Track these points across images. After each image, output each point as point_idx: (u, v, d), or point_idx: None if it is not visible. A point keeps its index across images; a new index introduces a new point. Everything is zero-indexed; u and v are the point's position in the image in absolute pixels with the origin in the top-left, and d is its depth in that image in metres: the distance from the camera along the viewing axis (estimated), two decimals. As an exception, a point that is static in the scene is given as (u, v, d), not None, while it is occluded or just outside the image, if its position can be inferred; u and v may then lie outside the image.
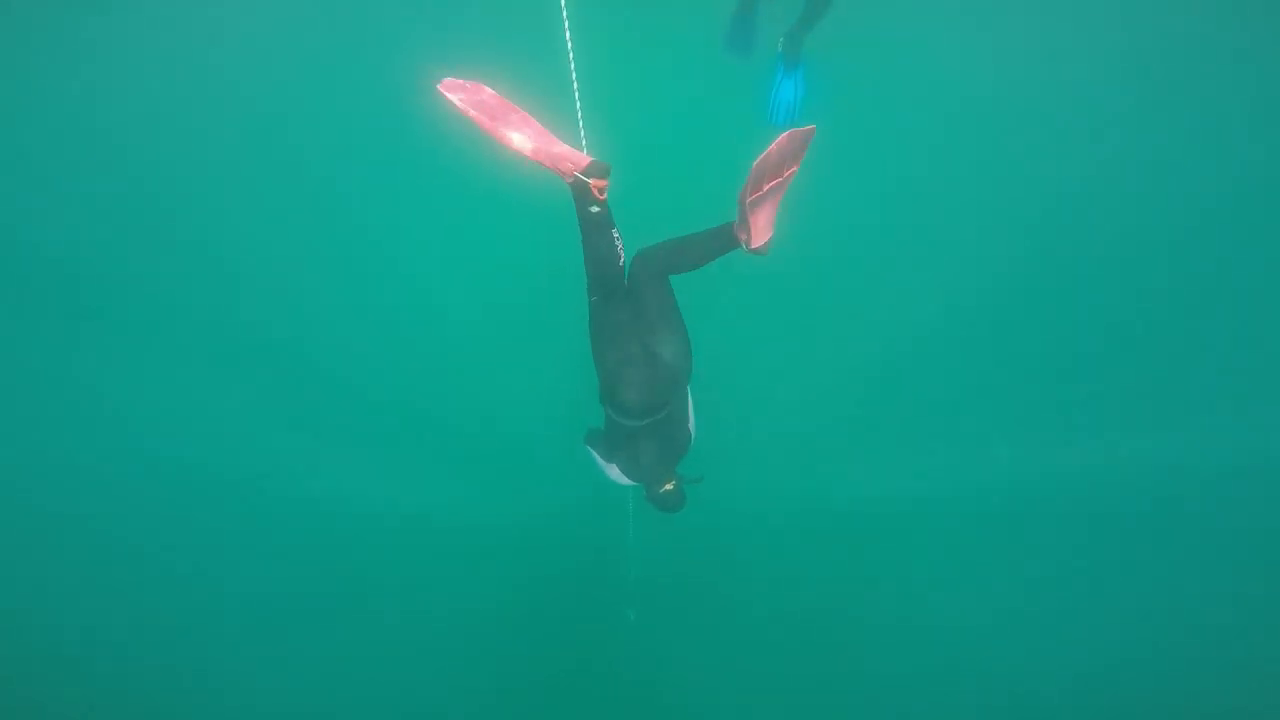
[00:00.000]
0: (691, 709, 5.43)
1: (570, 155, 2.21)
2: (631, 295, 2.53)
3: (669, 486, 2.83)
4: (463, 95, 2.27)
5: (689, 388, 2.80)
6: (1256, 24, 4.89)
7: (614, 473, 2.81)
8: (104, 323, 5.06)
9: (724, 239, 2.38)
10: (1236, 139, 5.04)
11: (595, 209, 2.26)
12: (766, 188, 2.15)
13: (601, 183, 2.20)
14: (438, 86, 2.29)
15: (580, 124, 2.49)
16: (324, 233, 5.11)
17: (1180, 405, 5.36)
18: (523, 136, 2.23)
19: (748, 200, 2.18)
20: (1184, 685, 5.25)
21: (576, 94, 2.48)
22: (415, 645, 5.41)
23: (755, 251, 2.32)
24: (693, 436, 2.86)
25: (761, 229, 2.26)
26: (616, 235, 2.37)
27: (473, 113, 2.25)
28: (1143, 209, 5.17)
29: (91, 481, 5.15)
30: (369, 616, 5.37)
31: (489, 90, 2.33)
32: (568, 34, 2.40)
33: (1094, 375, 5.39)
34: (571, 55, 2.43)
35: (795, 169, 2.21)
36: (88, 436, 5.14)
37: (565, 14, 2.36)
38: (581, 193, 2.24)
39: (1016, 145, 5.10)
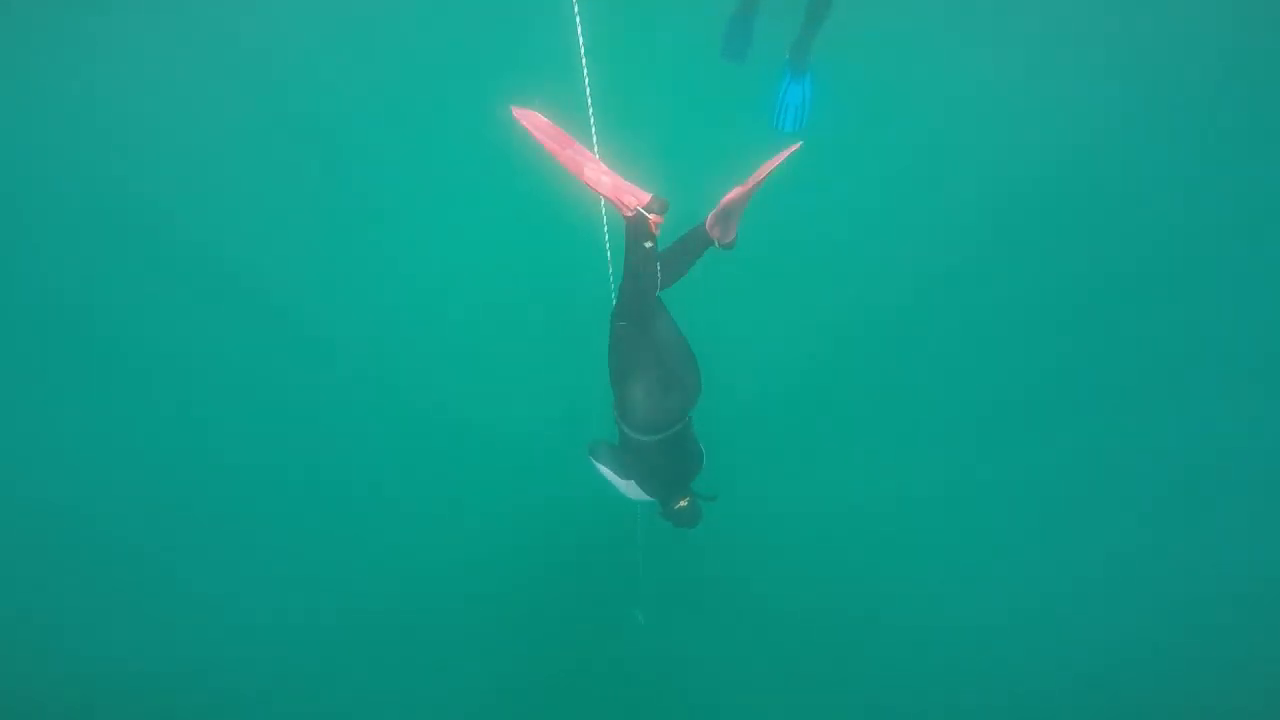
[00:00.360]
0: (698, 710, 5.45)
1: (633, 190, 2.27)
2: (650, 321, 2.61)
3: (683, 503, 2.90)
4: (531, 123, 2.31)
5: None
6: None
7: (631, 489, 2.86)
8: (113, 318, 5.04)
9: (700, 240, 2.45)
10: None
11: (649, 244, 2.31)
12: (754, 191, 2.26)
13: (659, 219, 2.26)
14: (512, 111, 2.32)
15: (593, 130, 2.49)
16: (335, 235, 5.13)
17: (1178, 395, 5.34)
18: (591, 168, 2.28)
19: (739, 200, 2.28)
20: (1184, 685, 5.28)
21: (589, 98, 2.48)
22: (419, 646, 5.40)
23: (726, 246, 2.42)
24: (703, 454, 2.93)
25: (735, 225, 2.38)
26: (659, 268, 2.42)
27: (546, 140, 2.29)
28: (1142, 210, 5.17)
29: (95, 479, 5.13)
30: (370, 617, 5.34)
31: (548, 121, 2.36)
32: (580, 40, 2.39)
33: (1092, 372, 5.39)
34: (584, 61, 2.41)
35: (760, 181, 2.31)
36: (94, 428, 5.13)
37: (578, 17, 2.35)
38: (639, 227, 2.28)
39: (1019, 144, 5.10)
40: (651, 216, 2.25)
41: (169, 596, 5.16)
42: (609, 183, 2.27)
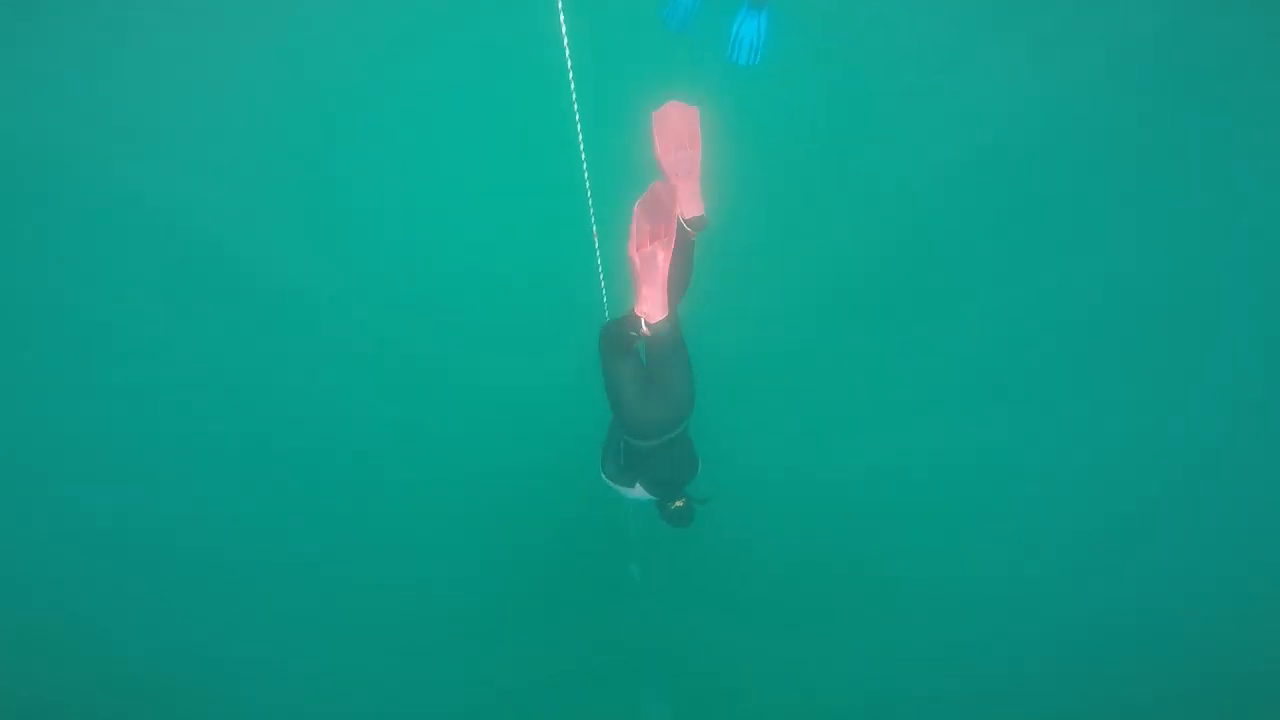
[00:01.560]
0: (696, 663, 5.67)
1: (657, 304, 2.35)
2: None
3: (679, 504, 3.05)
4: (659, 196, 2.30)
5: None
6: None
7: (636, 491, 3.04)
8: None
9: (680, 237, 2.42)
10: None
11: (635, 335, 2.46)
12: (669, 161, 2.29)
13: (649, 334, 2.42)
14: (656, 186, 2.34)
15: (577, 120, 2.38)
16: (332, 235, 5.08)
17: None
18: (646, 255, 2.27)
19: (674, 195, 2.31)
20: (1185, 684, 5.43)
21: (572, 81, 2.34)
22: (412, 609, 5.52)
23: (693, 223, 2.40)
24: (698, 462, 3.06)
25: (688, 201, 2.36)
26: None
27: (649, 211, 2.31)
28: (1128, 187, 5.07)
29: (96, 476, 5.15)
30: (364, 586, 5.44)
31: (670, 202, 2.34)
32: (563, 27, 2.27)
33: (1097, 352, 5.36)
34: (567, 44, 2.30)
35: (697, 150, 2.32)
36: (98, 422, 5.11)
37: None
38: (633, 329, 2.43)
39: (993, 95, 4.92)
40: (645, 330, 2.36)
41: (170, 593, 5.23)
42: (644, 276, 2.26)
